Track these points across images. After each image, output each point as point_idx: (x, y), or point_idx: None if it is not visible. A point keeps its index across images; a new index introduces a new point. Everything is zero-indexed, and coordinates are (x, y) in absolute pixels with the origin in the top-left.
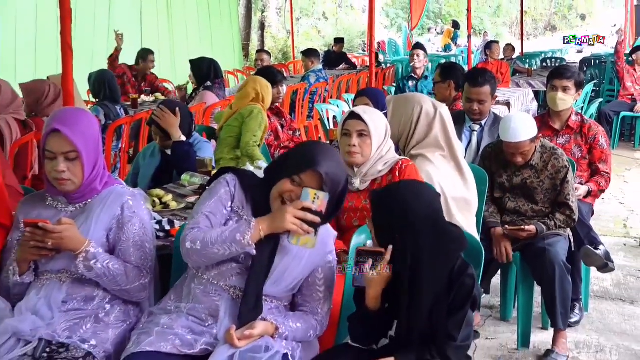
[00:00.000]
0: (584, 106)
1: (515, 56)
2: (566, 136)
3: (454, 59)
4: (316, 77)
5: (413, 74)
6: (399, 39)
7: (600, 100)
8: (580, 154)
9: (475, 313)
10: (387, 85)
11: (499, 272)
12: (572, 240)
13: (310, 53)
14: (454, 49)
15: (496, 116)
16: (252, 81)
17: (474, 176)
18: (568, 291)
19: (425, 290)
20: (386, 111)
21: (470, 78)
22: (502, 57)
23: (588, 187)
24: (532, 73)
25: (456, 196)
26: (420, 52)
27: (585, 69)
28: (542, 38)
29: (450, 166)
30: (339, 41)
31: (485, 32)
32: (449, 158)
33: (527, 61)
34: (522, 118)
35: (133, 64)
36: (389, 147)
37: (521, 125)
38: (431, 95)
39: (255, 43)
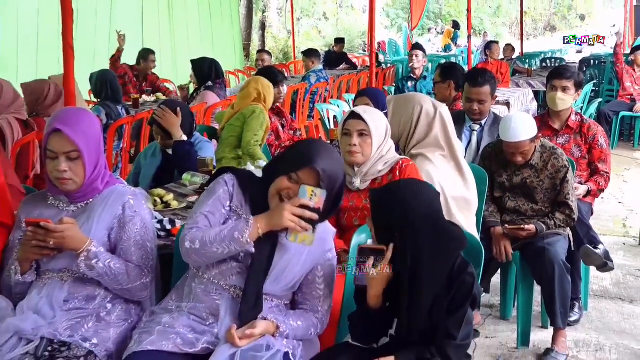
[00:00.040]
0: (584, 106)
1: (515, 56)
2: (566, 136)
3: (454, 59)
4: (317, 77)
5: (412, 74)
6: (399, 39)
7: (599, 100)
8: (579, 154)
9: (475, 312)
10: (388, 85)
11: (499, 272)
12: (572, 239)
13: (310, 53)
14: (454, 49)
15: (496, 116)
16: (254, 81)
17: (474, 176)
18: (567, 290)
19: (425, 289)
20: (386, 111)
21: (470, 78)
22: (502, 57)
23: (587, 187)
24: (532, 73)
25: (456, 196)
26: (419, 53)
27: (584, 69)
28: (542, 38)
29: (450, 166)
30: (340, 41)
31: (485, 33)
32: (449, 158)
33: (527, 61)
34: (522, 118)
35: (134, 64)
36: (390, 147)
37: (521, 125)
38: (431, 95)
39: (256, 43)
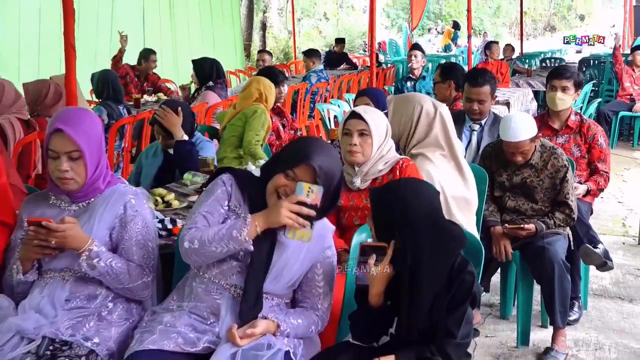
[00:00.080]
0: (583, 106)
1: (514, 56)
2: (565, 136)
3: (454, 59)
4: (317, 77)
5: (411, 75)
6: (400, 40)
7: (599, 100)
8: (579, 154)
9: (475, 311)
10: (388, 85)
11: (499, 271)
12: (571, 238)
13: (311, 53)
14: (454, 49)
15: (496, 116)
16: (256, 81)
17: (474, 175)
18: (567, 289)
19: (425, 288)
20: (387, 111)
21: (470, 78)
22: (502, 57)
23: (587, 186)
24: (532, 73)
25: (456, 195)
26: (417, 53)
27: (584, 69)
28: (542, 38)
29: (450, 165)
30: (340, 41)
31: (485, 33)
32: (449, 157)
33: (527, 61)
34: (522, 118)
35: (135, 64)
36: (390, 147)
37: (521, 124)
38: (430, 95)
39: (256, 43)
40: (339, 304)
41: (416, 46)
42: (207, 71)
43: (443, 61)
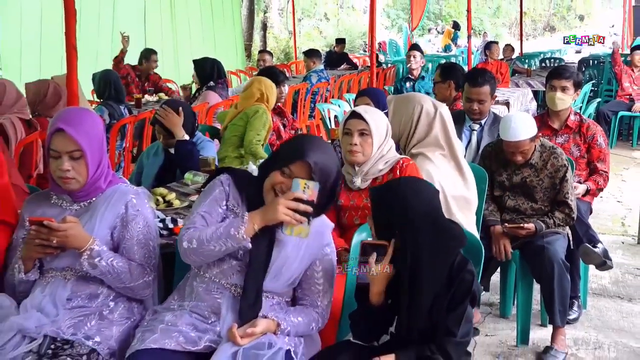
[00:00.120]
0: (583, 106)
1: (514, 56)
2: (565, 135)
3: (454, 59)
4: (318, 77)
5: (410, 75)
6: (400, 40)
7: (598, 100)
8: (578, 153)
9: (475, 310)
10: (388, 85)
11: (499, 270)
12: (571, 238)
13: (311, 53)
14: (454, 50)
15: (496, 116)
16: (257, 81)
17: (474, 175)
18: (567, 289)
19: (425, 287)
20: (387, 111)
21: (470, 78)
22: (502, 58)
23: (586, 186)
24: (531, 73)
25: (456, 195)
26: (416, 53)
27: (583, 69)
28: (541, 38)
29: (450, 165)
30: (340, 42)
31: (484, 33)
32: (449, 157)
33: (526, 61)
34: (522, 117)
35: (136, 64)
36: (390, 146)
37: (521, 124)
38: (429, 95)
39: (257, 43)
40: (340, 303)
41: (415, 47)
42: (208, 71)
43: (443, 61)
